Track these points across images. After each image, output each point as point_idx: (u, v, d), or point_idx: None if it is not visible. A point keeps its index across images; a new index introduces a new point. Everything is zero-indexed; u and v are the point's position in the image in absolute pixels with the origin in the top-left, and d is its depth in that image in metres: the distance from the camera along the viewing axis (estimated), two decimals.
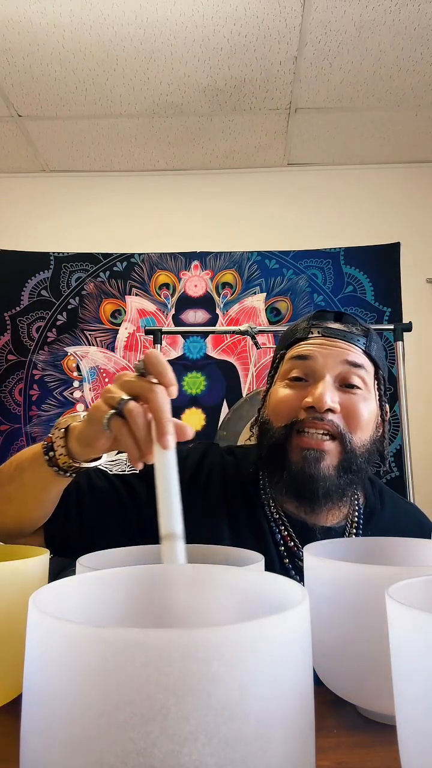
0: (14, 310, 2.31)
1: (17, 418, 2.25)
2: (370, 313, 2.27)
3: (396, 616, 0.31)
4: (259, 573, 0.39)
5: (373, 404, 0.77)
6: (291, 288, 2.30)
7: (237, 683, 0.25)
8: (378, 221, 2.34)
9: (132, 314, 2.31)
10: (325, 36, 1.67)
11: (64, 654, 0.26)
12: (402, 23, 1.64)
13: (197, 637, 0.25)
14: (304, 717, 0.29)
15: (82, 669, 0.26)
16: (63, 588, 0.35)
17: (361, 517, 0.80)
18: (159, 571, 0.39)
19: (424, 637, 0.29)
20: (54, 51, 1.73)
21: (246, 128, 2.13)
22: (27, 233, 2.37)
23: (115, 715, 0.25)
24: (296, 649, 0.28)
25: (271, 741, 0.26)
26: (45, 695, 0.27)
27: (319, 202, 2.35)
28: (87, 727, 0.25)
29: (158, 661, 0.25)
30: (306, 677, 0.29)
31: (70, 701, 0.26)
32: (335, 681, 0.49)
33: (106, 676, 0.25)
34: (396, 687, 0.32)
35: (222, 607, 0.38)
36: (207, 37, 1.67)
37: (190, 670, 0.25)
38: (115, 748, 0.25)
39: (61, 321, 2.30)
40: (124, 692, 0.25)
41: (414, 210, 2.35)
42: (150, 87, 1.89)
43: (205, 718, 0.25)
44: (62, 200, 2.39)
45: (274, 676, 0.27)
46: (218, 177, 2.39)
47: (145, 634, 0.25)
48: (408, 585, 0.35)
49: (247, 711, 0.26)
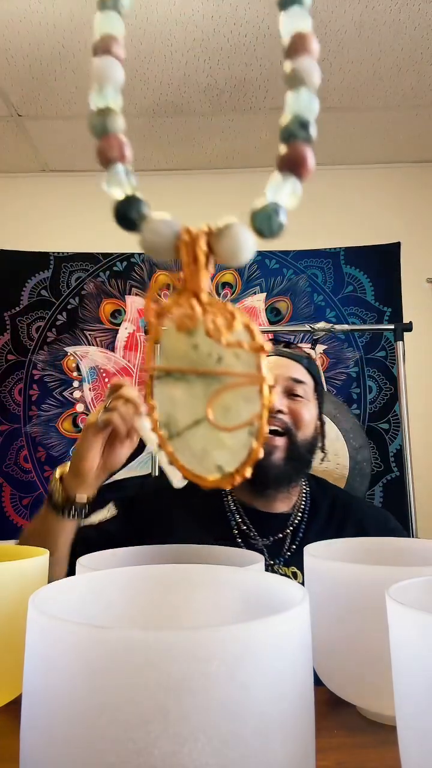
0: (14, 310, 2.31)
1: (17, 418, 2.25)
2: (370, 313, 2.27)
3: (396, 616, 0.31)
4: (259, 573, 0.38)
5: (314, 409, 0.94)
6: (291, 288, 2.29)
7: (237, 683, 0.25)
8: (378, 221, 2.34)
9: (132, 314, 2.31)
10: (325, 36, 1.67)
11: (63, 654, 0.26)
12: (402, 23, 1.63)
13: (197, 638, 0.25)
14: (304, 717, 0.28)
15: (81, 669, 0.26)
16: (63, 588, 0.35)
17: (307, 505, 0.93)
18: (159, 571, 0.39)
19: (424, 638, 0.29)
20: (54, 51, 1.73)
21: (246, 128, 2.13)
22: (27, 233, 2.36)
23: (115, 715, 0.25)
24: (296, 650, 0.28)
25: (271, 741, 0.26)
26: (45, 695, 0.27)
27: (320, 201, 2.35)
28: (87, 727, 0.25)
29: (158, 661, 0.25)
30: (306, 677, 0.29)
31: (69, 701, 0.26)
32: (335, 681, 0.49)
33: (106, 676, 0.25)
34: (396, 687, 0.32)
35: (222, 607, 0.38)
36: (207, 36, 1.67)
37: (191, 670, 0.25)
38: (115, 748, 0.25)
39: (61, 321, 2.30)
40: (124, 692, 0.25)
41: (415, 210, 2.35)
42: (150, 86, 1.89)
43: (205, 718, 0.25)
44: (62, 200, 2.38)
45: (274, 676, 0.27)
46: (218, 177, 2.39)
47: (145, 634, 0.25)
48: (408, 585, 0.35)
49: (247, 711, 0.26)
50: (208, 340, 0.25)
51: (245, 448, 0.24)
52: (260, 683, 0.26)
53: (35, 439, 2.23)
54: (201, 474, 0.25)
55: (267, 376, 0.24)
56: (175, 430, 0.26)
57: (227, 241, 0.25)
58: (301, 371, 0.94)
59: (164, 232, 0.26)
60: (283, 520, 0.90)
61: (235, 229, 0.25)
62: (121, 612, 0.37)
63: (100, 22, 0.28)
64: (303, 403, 0.92)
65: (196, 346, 0.25)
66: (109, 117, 0.26)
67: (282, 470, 0.87)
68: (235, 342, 0.24)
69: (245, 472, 0.24)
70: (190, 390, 0.25)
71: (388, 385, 2.21)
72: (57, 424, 2.24)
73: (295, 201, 0.25)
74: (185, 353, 0.25)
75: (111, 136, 0.26)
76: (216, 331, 0.24)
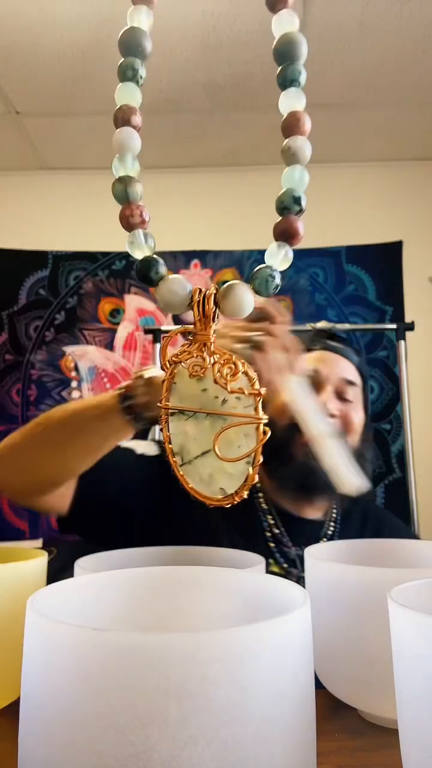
0: (12, 309, 2.30)
1: (15, 419, 2.24)
2: (371, 312, 2.26)
3: (398, 618, 0.31)
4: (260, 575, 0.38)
5: (362, 413, 0.87)
6: (292, 287, 2.29)
7: (237, 686, 0.25)
8: (380, 219, 2.33)
9: (131, 313, 2.31)
10: (326, 32, 1.67)
11: (62, 657, 0.26)
12: (404, 19, 1.63)
13: (197, 640, 0.25)
14: (304, 720, 0.28)
15: (80, 672, 0.25)
16: (61, 590, 0.34)
17: (338, 514, 0.88)
18: (158, 573, 0.39)
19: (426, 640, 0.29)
20: (53, 48, 1.72)
21: (246, 125, 2.12)
22: (25, 231, 2.36)
23: (114, 719, 0.25)
24: (297, 652, 0.28)
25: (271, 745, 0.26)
26: (43, 698, 0.27)
27: (321, 200, 2.34)
28: (86, 731, 0.25)
29: (158, 664, 0.24)
30: (307, 680, 0.29)
31: (68, 704, 0.26)
32: (336, 684, 0.49)
33: (104, 679, 0.25)
34: (398, 690, 0.32)
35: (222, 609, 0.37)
36: (207, 33, 1.67)
37: (190, 673, 0.25)
38: (114, 752, 0.24)
39: (59, 320, 2.30)
40: (123, 695, 0.25)
41: (416, 208, 2.34)
42: (149, 84, 1.88)
43: (204, 721, 0.25)
44: (60, 198, 2.38)
45: (274, 679, 0.26)
46: (218, 174, 2.38)
47: (145, 636, 0.25)
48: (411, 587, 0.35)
49: (247, 714, 0.25)
50: (215, 385, 0.31)
51: (243, 475, 0.30)
52: (261, 686, 0.26)
53: None
54: (208, 495, 0.31)
55: (263, 417, 0.30)
56: (188, 458, 0.32)
57: (232, 300, 0.30)
58: (352, 371, 0.87)
59: (179, 292, 0.31)
60: (317, 528, 0.85)
61: (238, 290, 0.30)
62: (120, 614, 0.37)
63: (120, 92, 0.33)
64: (353, 406, 0.85)
65: (205, 390, 0.31)
66: (130, 186, 0.31)
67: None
68: (237, 388, 0.31)
69: (243, 494, 0.31)
70: (200, 426, 0.31)
71: (390, 385, 2.21)
72: None
73: (287, 264, 0.31)
74: (196, 395, 0.31)
75: (133, 205, 0.32)
76: (222, 379, 0.31)
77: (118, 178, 0.32)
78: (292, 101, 0.32)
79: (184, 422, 0.31)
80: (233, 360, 0.31)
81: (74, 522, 0.78)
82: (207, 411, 0.31)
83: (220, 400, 0.31)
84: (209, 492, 0.31)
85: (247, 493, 0.30)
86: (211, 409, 0.31)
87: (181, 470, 0.31)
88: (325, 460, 0.65)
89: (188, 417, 0.31)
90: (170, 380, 0.32)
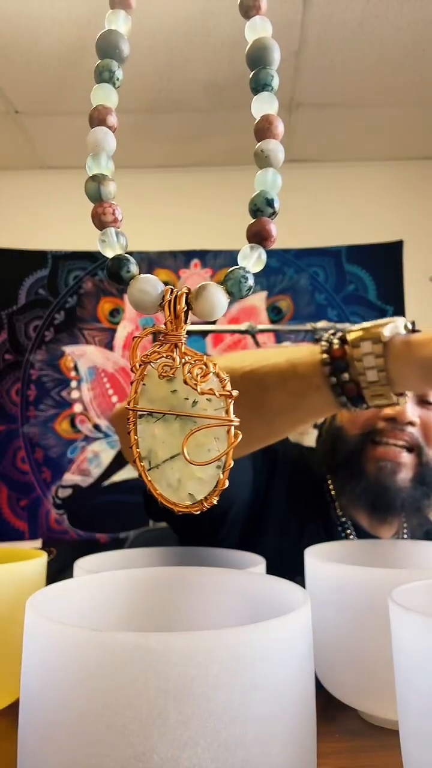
0: (11, 308, 2.30)
1: (14, 419, 2.24)
2: (372, 311, 2.26)
3: (399, 619, 0.31)
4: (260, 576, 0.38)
5: None
6: (292, 286, 2.29)
7: (237, 687, 0.25)
8: (380, 219, 2.33)
9: (131, 313, 2.30)
10: (326, 31, 1.66)
11: (62, 658, 0.26)
12: (405, 18, 1.63)
13: (197, 641, 0.25)
14: (305, 721, 0.28)
15: (80, 673, 0.25)
16: (61, 591, 0.34)
17: (408, 534, 0.81)
18: (158, 573, 0.39)
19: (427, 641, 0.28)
20: (52, 46, 1.72)
21: (247, 124, 2.11)
22: (24, 231, 2.35)
23: (114, 720, 0.24)
24: (297, 653, 0.28)
25: (271, 746, 0.26)
26: (43, 699, 0.27)
27: (321, 199, 2.34)
28: (85, 732, 0.25)
29: (158, 665, 0.24)
30: (307, 681, 0.29)
31: (68, 706, 0.26)
32: (337, 685, 0.49)
33: (104, 681, 0.25)
34: (399, 691, 0.32)
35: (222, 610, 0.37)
36: (207, 32, 1.67)
37: (190, 674, 0.24)
38: (113, 753, 0.24)
39: (59, 320, 2.29)
40: (123, 696, 0.24)
41: (417, 207, 2.34)
42: (149, 82, 1.89)
43: (205, 722, 0.25)
44: (60, 197, 2.37)
45: (275, 680, 0.26)
46: (218, 174, 2.38)
47: (145, 637, 0.25)
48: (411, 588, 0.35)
49: (247, 715, 0.25)
50: (185, 386, 0.30)
51: (214, 480, 0.29)
52: (261, 687, 0.26)
53: (33, 440, 2.23)
54: (175, 501, 0.30)
55: (234, 420, 0.29)
56: (155, 462, 0.30)
57: (203, 301, 0.29)
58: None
59: (150, 291, 0.30)
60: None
61: (210, 290, 0.29)
62: (120, 615, 0.37)
63: (96, 93, 0.33)
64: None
65: (175, 391, 0.30)
66: (103, 184, 0.31)
67: (410, 494, 0.73)
68: (208, 389, 0.29)
69: (213, 500, 0.29)
70: (169, 428, 0.30)
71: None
72: (54, 424, 2.23)
73: (260, 266, 0.30)
74: (165, 397, 0.30)
75: (105, 203, 0.31)
76: (192, 379, 0.29)
77: (92, 176, 0.31)
78: (264, 105, 0.33)
79: (153, 424, 0.30)
80: (204, 360, 0.29)
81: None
82: (176, 413, 0.29)
83: (190, 401, 0.29)
84: (177, 498, 0.29)
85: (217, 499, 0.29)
86: (180, 410, 0.29)
87: (149, 475, 0.30)
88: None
89: (157, 419, 0.30)
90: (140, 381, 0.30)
